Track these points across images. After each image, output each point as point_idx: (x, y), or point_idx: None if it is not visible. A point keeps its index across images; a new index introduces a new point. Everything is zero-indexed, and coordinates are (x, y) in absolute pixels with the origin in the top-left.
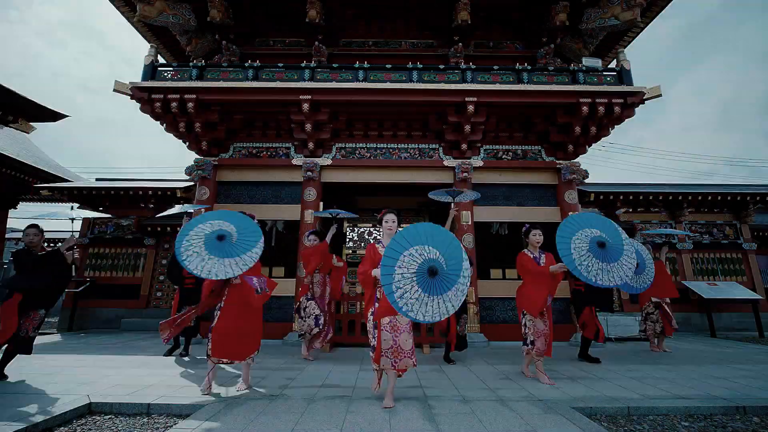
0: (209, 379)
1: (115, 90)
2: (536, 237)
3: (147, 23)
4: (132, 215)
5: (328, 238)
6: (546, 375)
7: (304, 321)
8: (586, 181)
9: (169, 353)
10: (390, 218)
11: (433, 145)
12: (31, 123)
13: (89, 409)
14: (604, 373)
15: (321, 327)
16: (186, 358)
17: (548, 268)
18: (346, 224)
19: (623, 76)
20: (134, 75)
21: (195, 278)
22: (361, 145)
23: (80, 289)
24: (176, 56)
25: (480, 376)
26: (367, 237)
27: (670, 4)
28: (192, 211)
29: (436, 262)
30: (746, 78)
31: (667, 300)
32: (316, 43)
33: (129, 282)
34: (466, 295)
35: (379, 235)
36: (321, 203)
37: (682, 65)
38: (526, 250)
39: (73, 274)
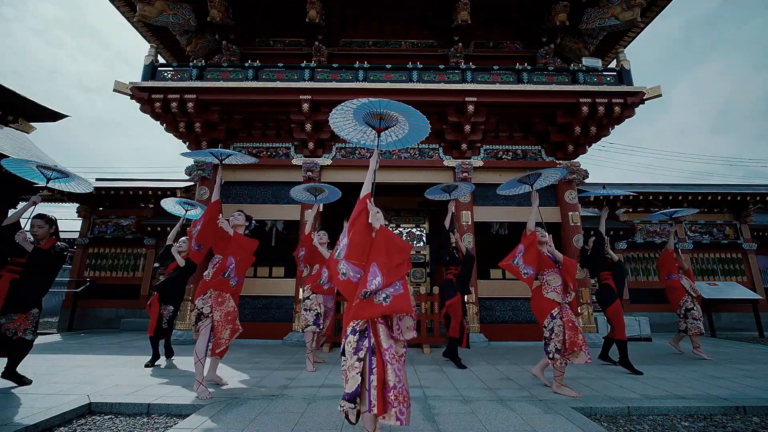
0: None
1: (115, 90)
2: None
3: (147, 23)
4: (132, 215)
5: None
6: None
7: (307, 313)
8: (586, 181)
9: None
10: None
11: (433, 145)
12: (31, 123)
13: (89, 409)
14: (604, 373)
15: (320, 328)
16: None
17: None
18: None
19: (623, 76)
20: (131, 73)
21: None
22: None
23: (80, 289)
24: (176, 56)
25: (480, 376)
26: None
27: (670, 4)
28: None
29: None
30: (744, 80)
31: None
32: (316, 43)
33: (129, 282)
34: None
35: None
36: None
37: (683, 65)
38: None
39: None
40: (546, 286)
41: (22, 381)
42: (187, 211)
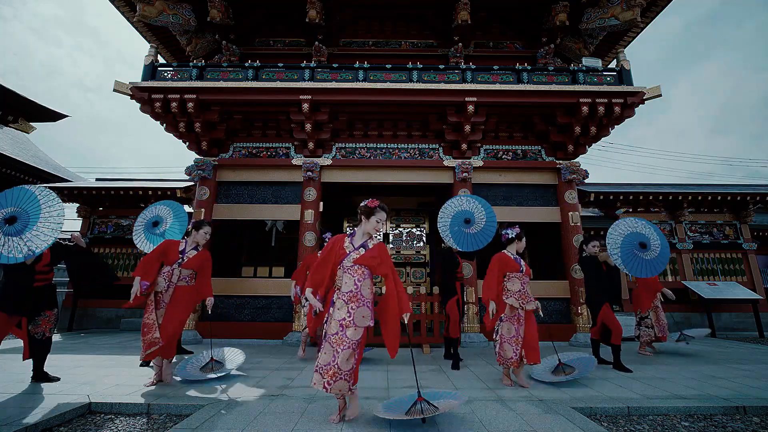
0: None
1: (115, 90)
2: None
3: (147, 23)
4: (132, 215)
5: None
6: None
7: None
8: (586, 181)
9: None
10: (383, 218)
11: (433, 145)
12: (31, 123)
13: (89, 409)
14: (604, 373)
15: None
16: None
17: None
18: (346, 224)
19: (623, 76)
20: (130, 72)
21: None
22: (361, 145)
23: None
24: (176, 56)
25: (480, 376)
26: None
27: (670, 3)
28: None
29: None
30: (744, 80)
31: (658, 304)
32: (316, 43)
33: (129, 282)
34: (465, 295)
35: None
36: (321, 203)
37: (683, 65)
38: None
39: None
40: (506, 292)
41: (50, 378)
42: (167, 224)
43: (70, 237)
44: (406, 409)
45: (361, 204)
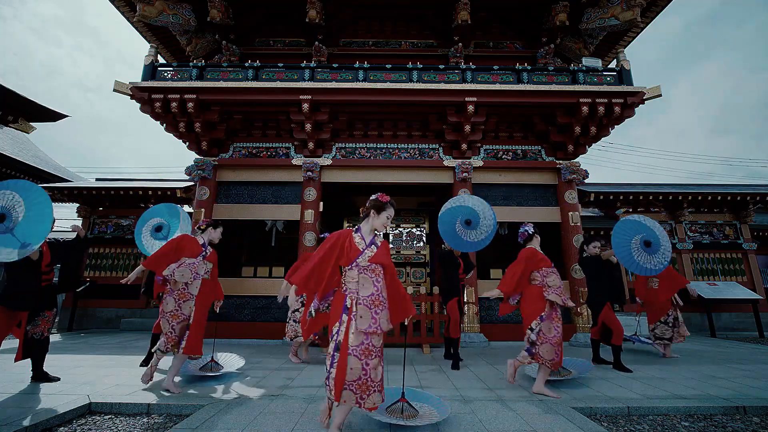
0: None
1: (115, 90)
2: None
3: (147, 23)
4: (132, 215)
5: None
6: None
7: (296, 325)
8: (586, 181)
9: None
10: (392, 214)
11: (433, 145)
12: (31, 123)
13: (89, 409)
14: (604, 373)
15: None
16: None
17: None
18: (346, 224)
19: (623, 76)
20: (128, 71)
21: None
22: (361, 145)
23: (80, 289)
24: (176, 56)
25: (480, 376)
26: None
27: (670, 3)
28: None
29: None
30: (744, 80)
31: (678, 301)
32: (316, 43)
33: (133, 283)
34: (465, 295)
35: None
36: (321, 203)
37: (683, 65)
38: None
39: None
40: (546, 288)
41: (50, 378)
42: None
43: (72, 229)
44: (387, 405)
45: (372, 197)
